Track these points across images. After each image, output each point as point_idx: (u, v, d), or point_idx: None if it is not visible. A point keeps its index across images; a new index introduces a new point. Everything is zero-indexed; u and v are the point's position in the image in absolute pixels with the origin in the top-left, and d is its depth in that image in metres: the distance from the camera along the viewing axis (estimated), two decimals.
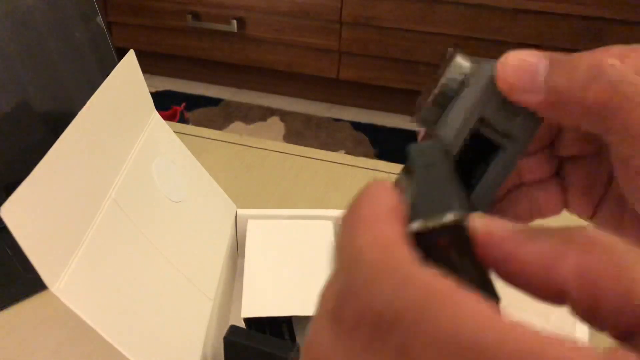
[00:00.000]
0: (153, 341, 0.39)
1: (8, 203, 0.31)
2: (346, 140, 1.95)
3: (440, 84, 0.20)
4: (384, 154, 1.89)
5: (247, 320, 0.45)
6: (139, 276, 0.41)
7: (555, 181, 0.25)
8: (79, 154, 0.38)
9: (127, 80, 0.46)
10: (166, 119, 0.60)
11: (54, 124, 0.61)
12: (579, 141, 0.24)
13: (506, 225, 0.16)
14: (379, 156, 1.88)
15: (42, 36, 0.59)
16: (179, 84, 2.24)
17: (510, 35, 1.77)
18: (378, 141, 1.94)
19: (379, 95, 2.07)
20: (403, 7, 1.82)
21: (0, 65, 0.56)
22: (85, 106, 0.39)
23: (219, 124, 2.01)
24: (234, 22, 2.00)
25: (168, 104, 1.63)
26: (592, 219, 0.25)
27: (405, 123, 2.02)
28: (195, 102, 2.11)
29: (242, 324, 0.44)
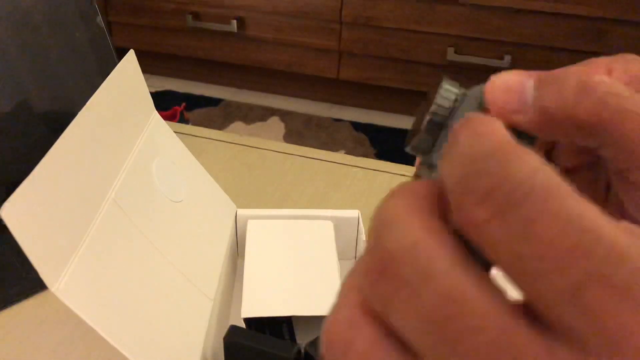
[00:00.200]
0: (153, 341, 0.39)
1: (8, 203, 0.31)
2: (346, 140, 1.95)
3: (430, 111, 0.20)
4: (384, 154, 1.89)
5: (247, 320, 0.45)
6: (139, 276, 0.41)
7: None
8: (79, 154, 0.38)
9: (127, 80, 0.46)
10: (166, 119, 0.60)
11: (54, 124, 0.61)
12: (573, 153, 0.24)
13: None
14: (379, 156, 1.88)
15: (42, 36, 0.59)
16: (179, 84, 2.24)
17: (510, 35, 1.77)
18: (378, 141, 1.94)
19: (379, 95, 2.07)
20: (403, 7, 1.82)
21: (0, 65, 0.56)
22: (85, 106, 0.39)
23: (219, 124, 2.01)
24: (234, 22, 2.00)
25: (168, 104, 1.63)
26: None
27: (405, 123, 2.02)
28: (195, 102, 2.11)
29: (242, 324, 0.44)
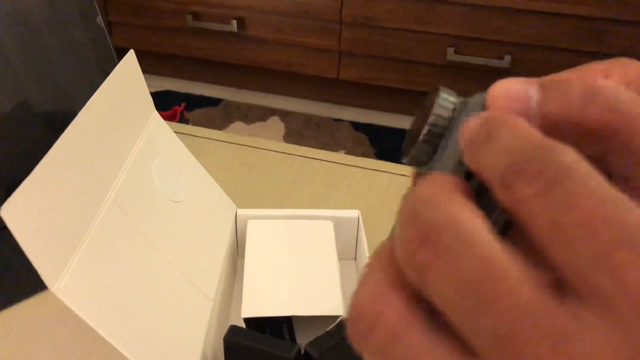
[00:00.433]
0: (153, 341, 0.39)
1: (8, 203, 0.31)
2: (346, 140, 1.95)
3: (428, 122, 0.19)
4: (384, 154, 1.89)
5: (247, 320, 0.45)
6: (139, 276, 0.41)
7: None
8: (79, 154, 0.38)
9: (127, 80, 0.46)
10: (166, 119, 0.60)
11: (54, 124, 0.61)
12: None
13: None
14: (379, 156, 1.88)
15: (42, 36, 0.59)
16: (179, 84, 2.24)
17: (510, 35, 1.77)
18: (378, 141, 1.94)
19: (379, 95, 2.07)
20: (403, 7, 1.82)
21: (0, 65, 0.56)
22: (85, 106, 0.39)
23: (219, 124, 2.01)
24: (234, 22, 2.00)
25: (168, 104, 1.63)
26: None
27: (405, 123, 2.02)
28: (195, 102, 2.11)
29: (242, 324, 0.44)
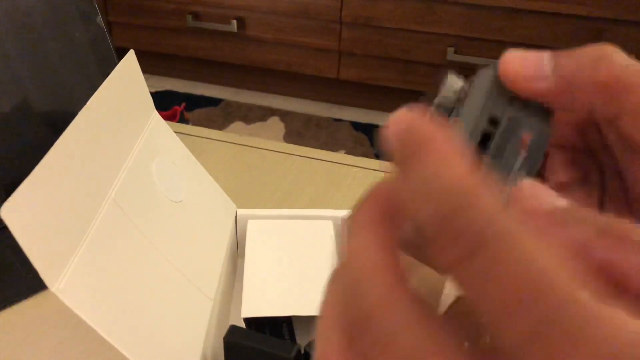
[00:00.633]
0: (153, 341, 0.39)
1: (8, 203, 0.31)
2: (346, 140, 1.95)
3: (435, 103, 0.20)
4: (384, 154, 1.89)
5: (247, 320, 0.45)
6: (139, 276, 0.41)
7: None
8: (79, 154, 0.38)
9: (127, 80, 0.46)
10: (166, 119, 0.60)
11: (54, 124, 0.61)
12: (567, 165, 0.24)
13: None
14: (379, 156, 1.88)
15: (42, 36, 0.59)
16: (179, 84, 2.24)
17: (510, 35, 1.77)
18: (378, 141, 1.94)
19: (379, 95, 2.07)
20: (403, 7, 1.82)
21: (0, 65, 0.56)
22: (85, 106, 0.39)
23: (219, 124, 2.01)
24: (234, 22, 2.00)
25: (168, 104, 1.63)
26: None
27: None
28: (195, 102, 2.11)
29: (242, 324, 0.44)
